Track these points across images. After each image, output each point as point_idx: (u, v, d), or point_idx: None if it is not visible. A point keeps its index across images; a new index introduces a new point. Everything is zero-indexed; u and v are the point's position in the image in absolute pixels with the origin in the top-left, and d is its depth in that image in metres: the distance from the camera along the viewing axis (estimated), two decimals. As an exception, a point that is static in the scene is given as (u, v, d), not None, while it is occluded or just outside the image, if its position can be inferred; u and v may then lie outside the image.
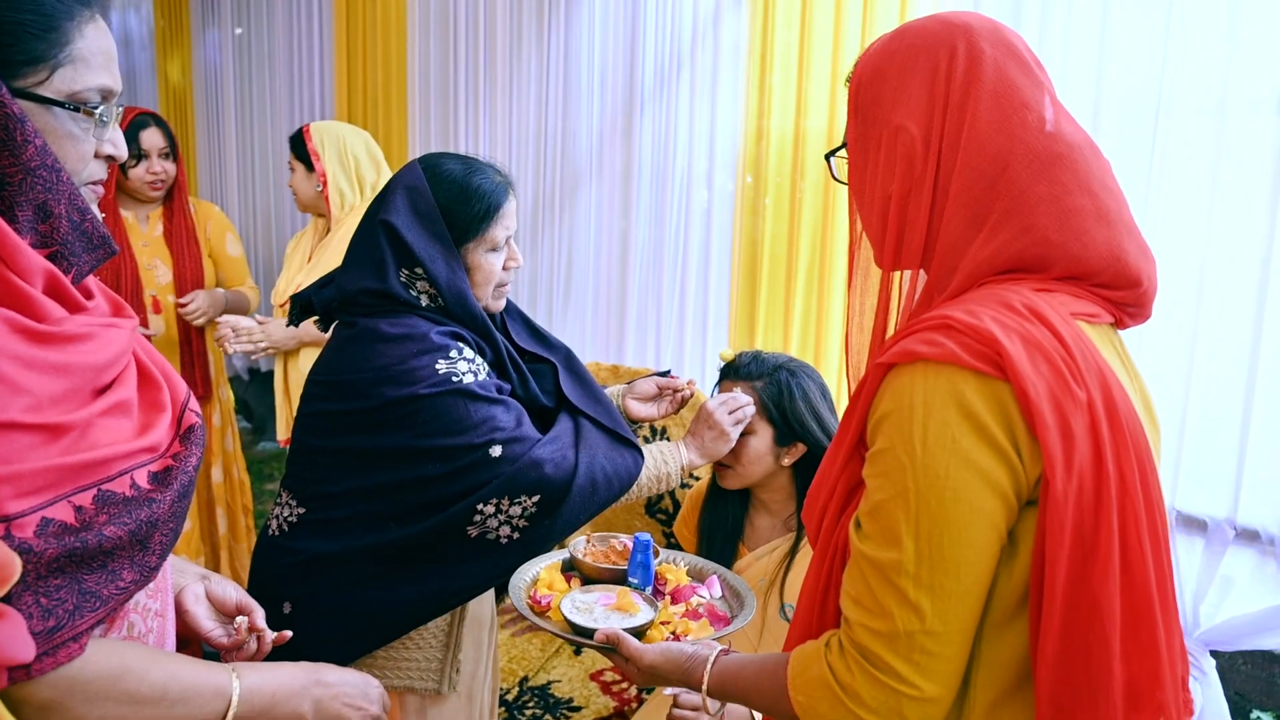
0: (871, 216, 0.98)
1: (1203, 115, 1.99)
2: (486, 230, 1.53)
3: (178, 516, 0.92)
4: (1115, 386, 0.84)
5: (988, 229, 0.90)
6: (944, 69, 0.92)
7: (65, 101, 0.86)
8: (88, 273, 0.90)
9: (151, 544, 0.88)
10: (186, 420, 0.97)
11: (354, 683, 1.12)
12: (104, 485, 0.84)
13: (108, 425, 0.86)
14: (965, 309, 0.85)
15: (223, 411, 2.98)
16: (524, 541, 1.47)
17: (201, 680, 0.93)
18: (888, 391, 0.87)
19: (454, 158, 1.57)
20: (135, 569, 0.86)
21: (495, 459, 1.44)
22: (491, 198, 1.53)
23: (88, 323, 0.86)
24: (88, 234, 0.88)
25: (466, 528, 1.44)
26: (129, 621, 0.93)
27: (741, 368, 1.79)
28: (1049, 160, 0.89)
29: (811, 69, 2.53)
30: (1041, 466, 0.81)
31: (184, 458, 0.93)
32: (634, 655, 1.16)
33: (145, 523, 0.86)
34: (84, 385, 0.84)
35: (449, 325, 1.50)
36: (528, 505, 1.45)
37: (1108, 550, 0.80)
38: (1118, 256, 0.90)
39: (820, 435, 1.73)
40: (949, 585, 0.82)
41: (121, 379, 0.90)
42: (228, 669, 0.97)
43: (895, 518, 0.84)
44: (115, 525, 0.83)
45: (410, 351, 1.44)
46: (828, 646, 0.90)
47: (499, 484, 1.43)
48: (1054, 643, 0.81)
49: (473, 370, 1.48)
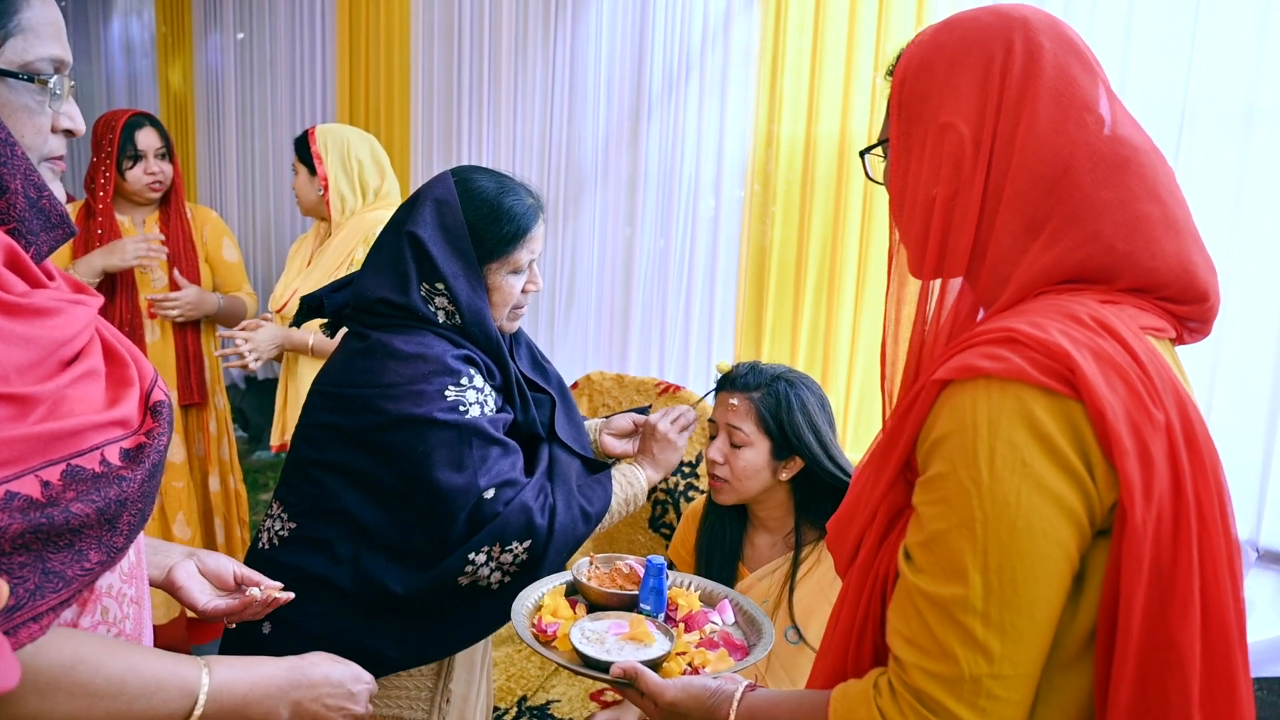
0: (912, 220, 0.91)
1: (1228, 125, 1.94)
2: (512, 253, 1.50)
3: (146, 497, 0.88)
4: (1192, 408, 0.78)
5: (1045, 236, 0.83)
6: (999, 64, 0.85)
7: (18, 72, 0.84)
8: (47, 253, 0.87)
9: (119, 524, 0.84)
10: (155, 396, 0.93)
11: (339, 680, 1.06)
12: (73, 460, 0.80)
13: (78, 394, 0.83)
14: (1029, 320, 0.78)
15: (218, 419, 2.93)
16: (515, 585, 1.43)
17: (165, 674, 0.87)
18: (944, 411, 0.80)
19: (488, 174, 1.53)
20: (102, 549, 0.82)
21: (487, 500, 1.41)
22: (522, 220, 1.49)
23: (54, 297, 0.83)
24: (45, 212, 0.85)
25: (458, 578, 1.41)
26: (103, 606, 0.89)
27: (739, 378, 1.73)
28: (1115, 164, 0.82)
29: (824, 73, 2.49)
30: (1116, 494, 0.74)
31: (156, 434, 0.90)
32: (654, 692, 1.07)
33: (114, 501, 0.82)
34: (50, 358, 0.81)
35: (464, 348, 1.47)
36: (518, 552, 1.43)
37: (1187, 588, 0.73)
38: (1186, 268, 0.83)
39: (818, 449, 1.67)
40: (1021, 624, 0.75)
41: (87, 351, 0.87)
42: (198, 664, 0.91)
43: (958, 549, 0.77)
44: (83, 502, 0.79)
45: (421, 373, 1.41)
46: (876, 689, 0.83)
47: (490, 532, 1.41)
48: (1128, 689, 0.74)
49: (480, 401, 1.45)
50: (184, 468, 2.80)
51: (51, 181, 0.90)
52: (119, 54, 5.62)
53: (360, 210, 2.55)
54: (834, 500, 1.69)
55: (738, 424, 1.69)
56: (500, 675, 2.32)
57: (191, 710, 0.89)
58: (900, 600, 0.82)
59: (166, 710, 0.87)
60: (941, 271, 0.90)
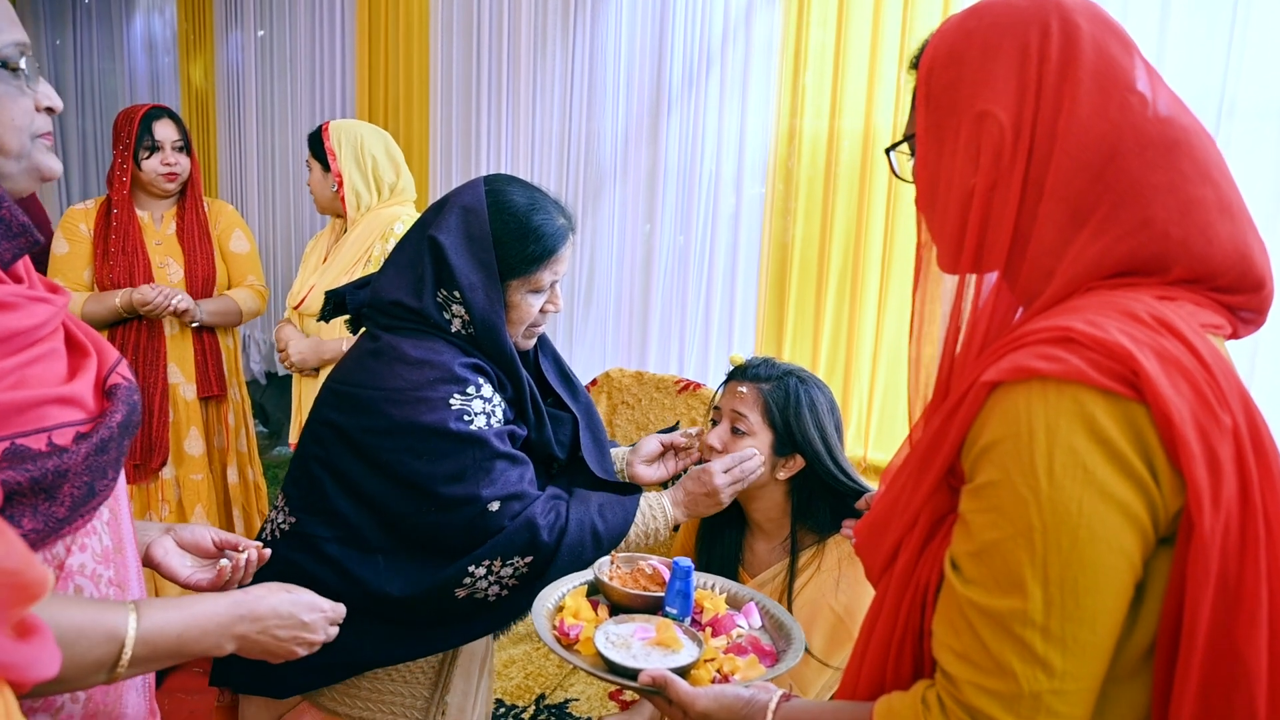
0: (947, 214, 0.87)
1: (1267, 116, 1.90)
2: (535, 272, 1.45)
3: (94, 470, 0.88)
4: (1258, 412, 0.74)
5: (1093, 225, 0.79)
6: (1035, 48, 0.81)
7: None
8: (11, 260, 0.89)
9: (59, 494, 0.84)
10: (111, 380, 0.95)
11: (288, 613, 1.03)
12: (18, 440, 0.82)
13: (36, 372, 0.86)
14: (1085, 319, 0.74)
15: (236, 412, 2.94)
16: (512, 600, 1.40)
17: (89, 622, 0.85)
18: (995, 414, 0.76)
19: (521, 187, 1.48)
20: (38, 518, 0.83)
21: (492, 513, 1.37)
22: (549, 241, 1.44)
23: (14, 293, 0.86)
24: (5, 221, 0.88)
25: (455, 590, 1.37)
26: (75, 585, 0.89)
27: (750, 369, 1.69)
28: (1165, 146, 0.78)
29: (847, 68, 2.45)
30: (1181, 501, 0.71)
31: (110, 413, 0.91)
32: (684, 702, 1.03)
33: (51, 472, 0.83)
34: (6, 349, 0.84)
35: (474, 356, 1.44)
36: (519, 566, 1.39)
37: (1254, 599, 0.70)
38: (1244, 254, 0.79)
39: (822, 450, 1.62)
40: (1084, 637, 0.71)
41: (49, 338, 0.89)
42: (126, 609, 0.89)
43: (1015, 560, 0.73)
44: (15, 471, 0.80)
45: (427, 379, 1.38)
46: (925, 705, 0.79)
47: (492, 546, 1.37)
48: (1191, 703, 0.71)
49: (486, 411, 1.41)
50: (203, 460, 2.80)
51: (46, 155, 0.93)
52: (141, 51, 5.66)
53: (376, 207, 2.54)
54: (832, 505, 1.65)
55: (743, 411, 1.65)
56: (518, 674, 2.31)
57: (120, 655, 0.87)
58: (949, 613, 0.79)
59: (92, 657, 0.85)
60: (979, 266, 0.86)
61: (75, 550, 0.90)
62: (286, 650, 1.04)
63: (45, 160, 0.93)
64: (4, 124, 0.89)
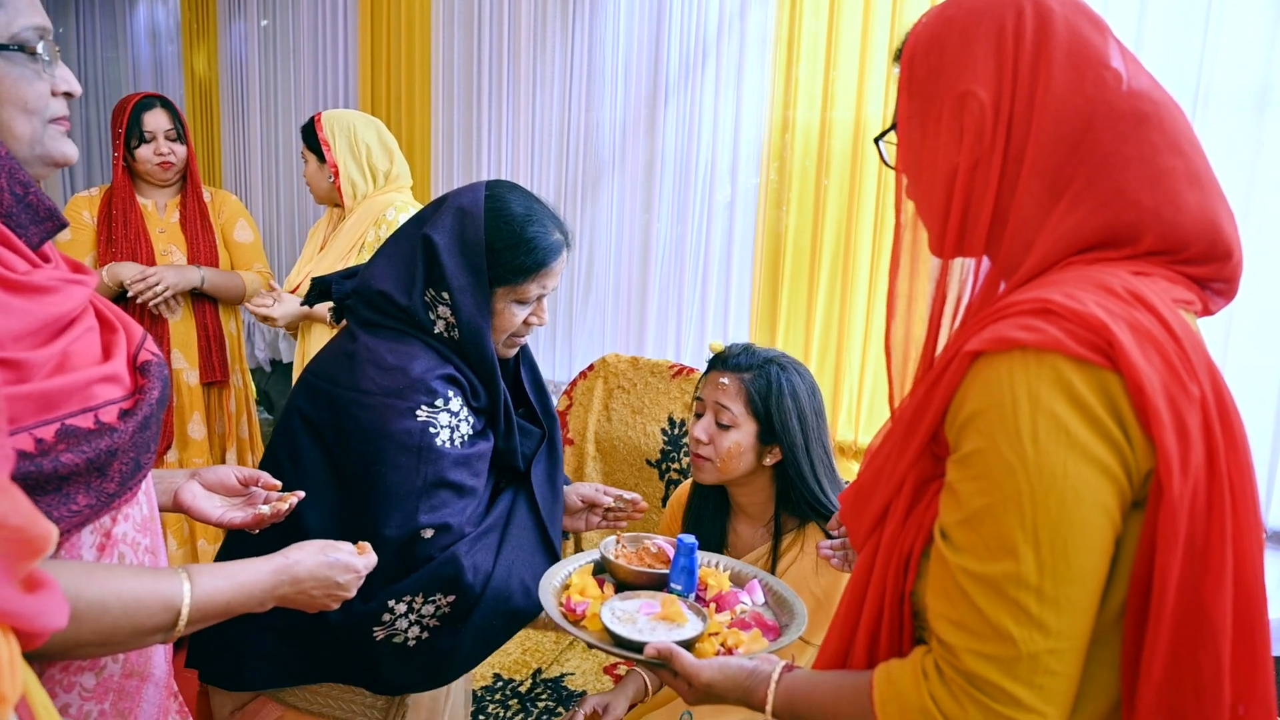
0: (934, 194, 0.90)
1: (1242, 107, 1.94)
2: (522, 283, 1.44)
3: (140, 446, 0.92)
4: (1224, 383, 0.77)
5: (1069, 197, 0.82)
6: (1011, 30, 0.84)
7: (8, 43, 0.88)
8: (39, 243, 0.91)
9: (110, 471, 0.88)
10: (142, 357, 0.98)
11: (324, 576, 1.08)
12: (67, 420, 0.85)
13: (78, 349, 0.88)
14: (1063, 292, 0.77)
15: (238, 398, 2.97)
16: (432, 643, 1.38)
17: (146, 592, 0.90)
18: (976, 384, 0.78)
19: (520, 197, 1.47)
20: (91, 494, 0.86)
21: (423, 540, 1.36)
22: (540, 255, 1.44)
23: (53, 276, 0.88)
24: (33, 206, 0.89)
25: (374, 629, 1.35)
26: (119, 553, 0.93)
27: (731, 358, 1.70)
28: (1136, 119, 0.81)
29: (839, 59, 2.50)
30: (1151, 464, 0.74)
31: (148, 389, 0.95)
32: (689, 672, 1.05)
33: (104, 451, 0.86)
34: (46, 329, 0.86)
35: (450, 364, 1.43)
36: (441, 604, 1.37)
37: (1220, 559, 0.73)
38: (1213, 222, 0.82)
39: (800, 437, 1.65)
40: (1075, 596, 0.74)
41: (83, 317, 0.92)
42: (180, 578, 0.93)
43: (1006, 524, 0.75)
44: (73, 453, 0.83)
45: (397, 386, 1.37)
46: (924, 674, 0.81)
47: (418, 578, 1.35)
48: (1161, 660, 0.74)
49: (451, 425, 1.40)
50: (204, 445, 2.84)
51: (60, 140, 0.94)
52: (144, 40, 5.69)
53: (372, 194, 2.57)
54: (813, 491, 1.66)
55: (726, 403, 1.67)
56: (515, 649, 2.36)
57: (176, 622, 0.92)
58: (942, 583, 0.81)
59: (152, 624, 0.90)
60: (963, 246, 0.89)
61: (120, 520, 0.93)
62: (321, 605, 1.10)
63: (58, 145, 0.94)
64: (16, 107, 0.89)
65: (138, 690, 0.99)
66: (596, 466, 2.70)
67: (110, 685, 0.96)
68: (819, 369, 2.65)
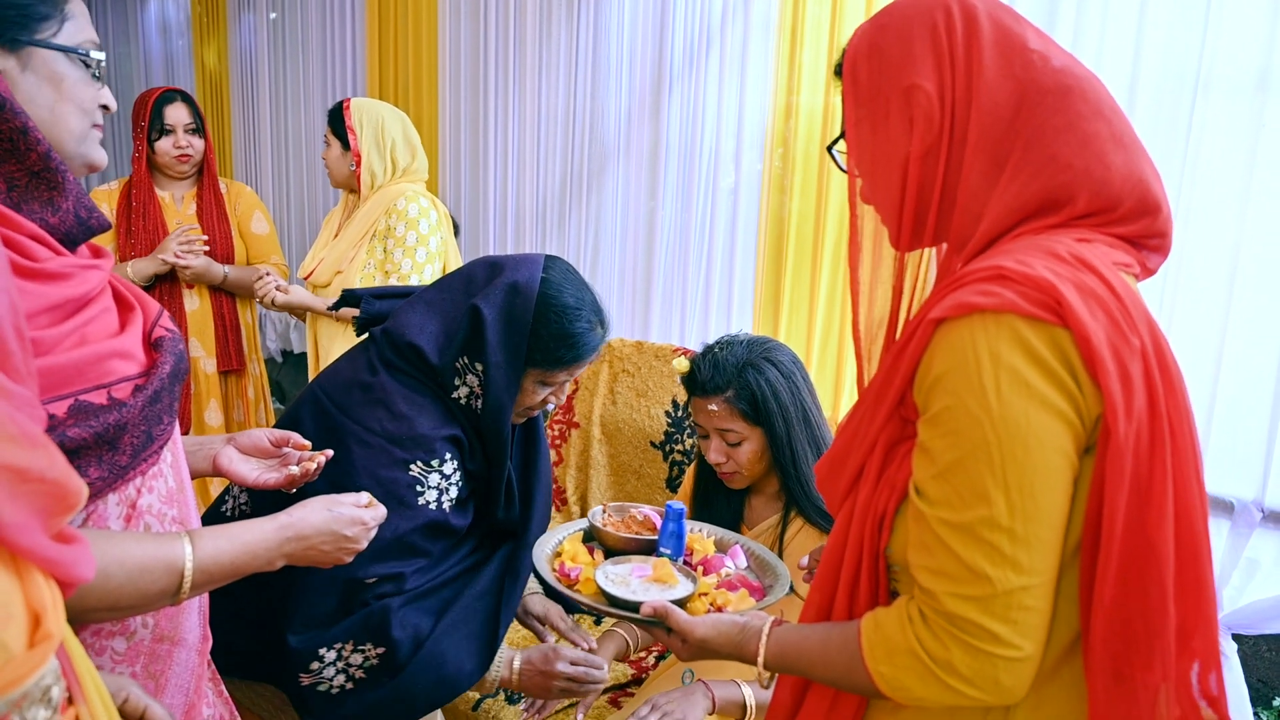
0: (890, 187, 0.97)
1: (1241, 92, 1.95)
2: (553, 372, 1.47)
3: (150, 419, 0.95)
4: (1162, 336, 0.84)
5: (1010, 168, 0.91)
6: (944, 26, 0.93)
7: (77, 49, 0.96)
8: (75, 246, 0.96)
9: (121, 444, 0.91)
10: (156, 333, 1.01)
11: (331, 531, 1.10)
12: (80, 396, 0.88)
13: (95, 327, 0.92)
14: (1015, 259, 0.84)
15: (256, 387, 3.02)
16: (358, 693, 1.37)
17: (148, 558, 0.92)
18: (941, 348, 0.85)
19: (574, 287, 1.48)
20: (103, 467, 0.89)
21: (364, 585, 1.36)
22: (580, 352, 1.47)
23: (68, 263, 0.91)
24: (93, 230, 0.95)
25: (300, 675, 1.35)
26: (145, 523, 0.97)
27: (706, 381, 1.72)
28: (1061, 92, 0.90)
29: (843, 42, 2.51)
30: (1100, 410, 0.81)
31: (160, 364, 0.98)
32: (684, 629, 1.11)
33: (113, 425, 0.89)
34: (59, 310, 0.89)
35: (456, 425, 1.44)
36: (370, 655, 1.37)
37: (1161, 494, 0.80)
38: (1139, 178, 0.90)
39: (781, 429, 1.70)
40: (1043, 534, 0.81)
41: (100, 297, 0.96)
42: (182, 542, 0.96)
43: (977, 473, 0.82)
44: (80, 428, 0.86)
45: (400, 435, 1.39)
46: (909, 619, 0.88)
47: (349, 626, 1.35)
48: (1112, 587, 0.81)
49: (441, 487, 1.41)
50: (221, 432, 2.89)
51: (97, 146, 1.02)
52: (155, 34, 5.74)
53: (388, 185, 2.61)
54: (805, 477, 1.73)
55: (727, 426, 1.72)
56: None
57: (180, 585, 0.95)
58: (921, 536, 0.87)
59: (157, 589, 0.93)
60: (920, 233, 0.97)
61: (145, 492, 0.97)
62: (335, 559, 1.13)
63: (95, 150, 1.02)
64: (74, 104, 0.97)
65: (169, 654, 1.04)
66: (602, 449, 2.75)
67: (141, 649, 1.01)
68: (821, 352, 2.68)
